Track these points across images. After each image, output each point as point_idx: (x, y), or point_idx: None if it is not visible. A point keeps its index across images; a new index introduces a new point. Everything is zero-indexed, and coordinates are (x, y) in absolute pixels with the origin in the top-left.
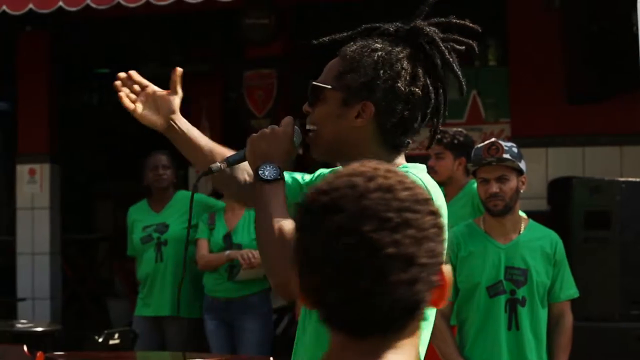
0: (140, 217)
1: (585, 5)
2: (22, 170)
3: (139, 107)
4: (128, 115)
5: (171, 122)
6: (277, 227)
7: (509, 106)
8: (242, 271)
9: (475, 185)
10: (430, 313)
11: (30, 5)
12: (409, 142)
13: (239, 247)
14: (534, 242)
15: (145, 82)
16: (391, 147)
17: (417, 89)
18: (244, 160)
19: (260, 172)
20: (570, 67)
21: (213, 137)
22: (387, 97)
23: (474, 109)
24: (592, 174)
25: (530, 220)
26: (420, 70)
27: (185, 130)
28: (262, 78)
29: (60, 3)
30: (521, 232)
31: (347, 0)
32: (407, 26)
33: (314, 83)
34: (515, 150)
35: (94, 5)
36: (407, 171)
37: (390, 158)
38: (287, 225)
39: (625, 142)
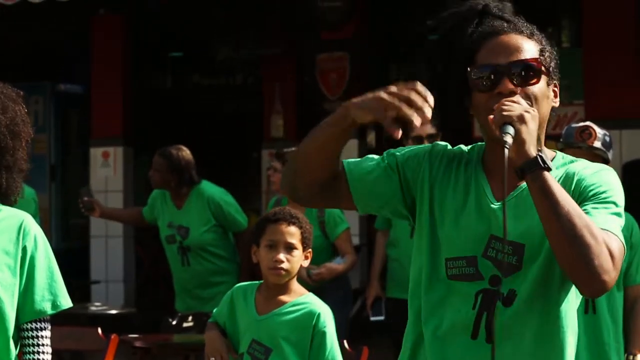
0: (163, 209)
1: None
2: (96, 153)
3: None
4: (202, 98)
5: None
6: (590, 221)
7: (583, 88)
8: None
9: None
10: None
11: None
12: None
13: None
14: None
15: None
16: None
17: None
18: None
19: (540, 158)
20: None
21: (287, 120)
22: (558, 77)
23: None
24: None
25: None
26: None
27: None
28: (335, 61)
29: None
30: None
31: None
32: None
33: (540, 60)
34: (607, 139)
35: None
36: (599, 164)
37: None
38: (588, 219)
39: None
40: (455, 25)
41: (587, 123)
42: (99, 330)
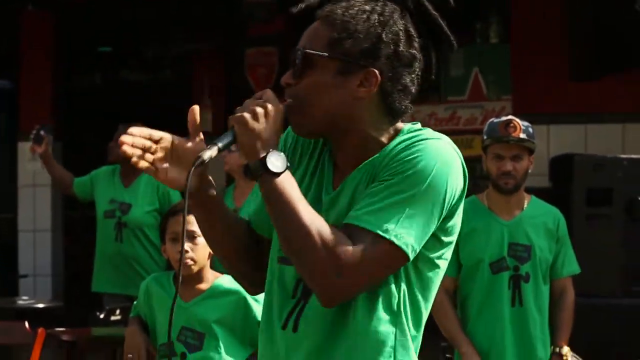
0: (108, 184)
1: None
2: (24, 147)
3: (163, 172)
4: (131, 93)
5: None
6: (316, 229)
7: (511, 83)
8: None
9: None
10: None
11: None
12: (410, 108)
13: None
14: (537, 218)
15: (156, 134)
16: (394, 116)
17: (415, 51)
18: (233, 143)
19: (269, 163)
20: (573, 44)
21: (216, 116)
22: (391, 61)
23: (475, 86)
24: (594, 151)
25: (533, 197)
26: (413, 30)
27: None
28: (263, 56)
29: None
30: (524, 208)
31: None
32: None
33: (306, 51)
34: (530, 130)
35: None
36: (422, 135)
37: (391, 127)
38: (324, 225)
39: (627, 119)
40: None
41: (509, 117)
42: (26, 324)
